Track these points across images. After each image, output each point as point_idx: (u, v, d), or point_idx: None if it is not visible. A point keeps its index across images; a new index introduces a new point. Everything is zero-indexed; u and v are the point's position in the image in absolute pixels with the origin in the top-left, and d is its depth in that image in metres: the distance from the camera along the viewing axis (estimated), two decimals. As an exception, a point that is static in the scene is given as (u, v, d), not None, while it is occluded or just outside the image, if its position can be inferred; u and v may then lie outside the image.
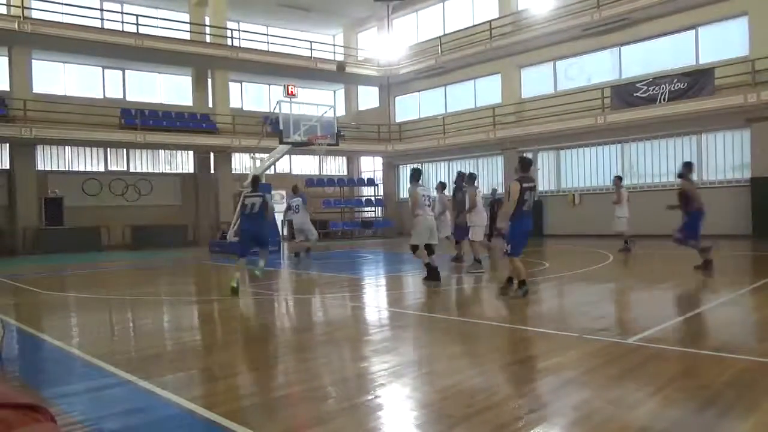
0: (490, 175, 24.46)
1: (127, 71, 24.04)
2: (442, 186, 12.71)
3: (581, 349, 4.74)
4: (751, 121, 16.69)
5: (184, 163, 24.97)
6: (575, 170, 21.61)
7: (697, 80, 17.33)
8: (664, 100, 17.89)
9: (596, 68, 20.89)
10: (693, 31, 18.43)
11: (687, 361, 4.39)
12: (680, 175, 10.02)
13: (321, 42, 28.09)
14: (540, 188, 22.09)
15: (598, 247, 15.34)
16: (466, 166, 25.28)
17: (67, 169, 22.13)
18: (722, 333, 5.60)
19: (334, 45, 29.47)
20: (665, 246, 14.95)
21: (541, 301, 7.87)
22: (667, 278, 9.22)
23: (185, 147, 23.36)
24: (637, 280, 8.99)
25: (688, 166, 10.08)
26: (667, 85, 17.89)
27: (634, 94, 18.67)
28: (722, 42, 17.79)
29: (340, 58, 28.32)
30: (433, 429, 3.20)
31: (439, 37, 25.23)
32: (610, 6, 19.31)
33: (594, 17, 19.72)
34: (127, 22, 22.04)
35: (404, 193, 28.03)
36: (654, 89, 18.17)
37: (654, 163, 19.23)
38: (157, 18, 23.14)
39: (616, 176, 14.69)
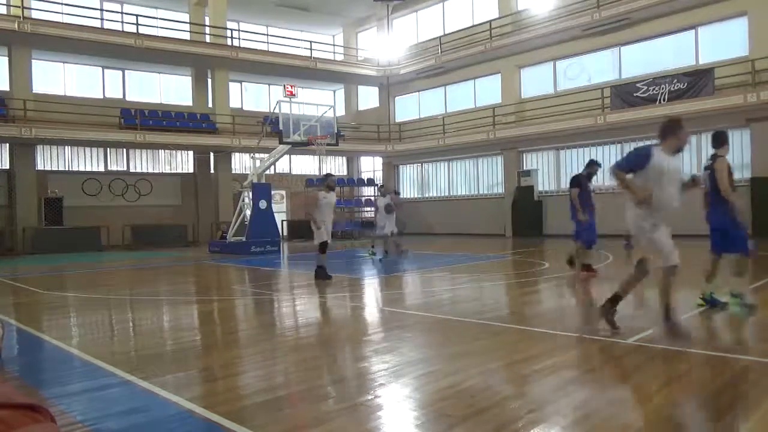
0: (490, 175, 24.47)
1: (126, 71, 24.05)
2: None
3: (582, 349, 4.75)
4: (750, 121, 16.69)
5: (184, 163, 24.98)
6: (575, 170, 21.56)
7: (697, 80, 17.33)
8: (664, 100, 17.89)
9: (596, 68, 20.89)
10: (693, 31, 18.44)
11: (687, 361, 4.39)
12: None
13: (321, 42, 28.10)
14: (540, 188, 22.14)
15: (598, 247, 15.32)
16: (466, 167, 25.33)
17: (66, 169, 22.13)
18: (723, 333, 5.60)
19: (333, 45, 29.49)
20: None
21: (541, 301, 7.88)
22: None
23: (185, 147, 23.36)
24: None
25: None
26: (667, 85, 17.89)
27: (634, 94, 18.67)
28: (722, 42, 17.79)
29: (340, 58, 28.35)
30: (433, 429, 3.20)
31: (439, 37, 25.23)
32: (610, 6, 19.31)
33: (594, 17, 19.72)
34: (127, 22, 22.06)
35: (405, 193, 28.07)
36: (654, 89, 18.17)
37: (654, 163, 19.20)
38: (157, 18, 23.15)
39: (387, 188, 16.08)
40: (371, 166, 29.86)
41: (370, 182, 28.18)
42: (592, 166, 9.65)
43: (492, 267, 12.19)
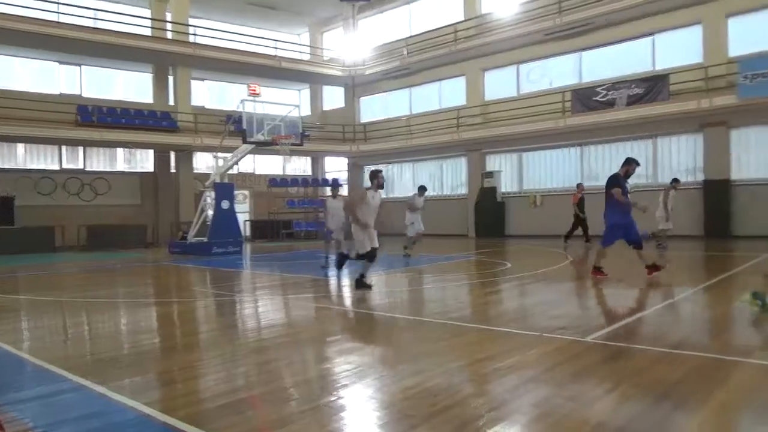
0: (454, 176, 24.69)
1: (83, 66, 23.37)
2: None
3: (541, 348, 4.83)
4: (704, 126, 17.32)
5: (144, 161, 24.42)
6: (537, 172, 22.01)
7: (653, 86, 17.89)
8: (622, 104, 18.40)
9: (558, 72, 21.32)
10: (650, 38, 19.01)
11: (643, 358, 4.52)
12: None
13: (286, 41, 27.86)
14: (502, 189, 22.48)
15: (559, 247, 15.65)
16: (431, 168, 25.50)
17: (19, 167, 21.36)
18: (676, 330, 5.78)
19: (299, 44, 29.28)
20: (623, 247, 15.36)
21: (502, 301, 7.98)
22: (624, 278, 9.46)
23: (145, 145, 22.83)
24: (596, 280, 9.20)
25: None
26: (625, 89, 18.41)
27: (594, 98, 19.15)
28: (677, 49, 18.41)
29: (305, 57, 28.17)
30: (396, 429, 3.20)
31: (405, 39, 25.34)
32: (572, 11, 19.75)
33: (556, 22, 20.14)
34: (85, 16, 21.40)
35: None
36: (612, 94, 18.68)
37: (612, 165, 19.71)
38: (116, 13, 22.50)
39: (421, 186, 15.12)
40: (336, 167, 29.76)
41: (335, 183, 28.02)
42: (631, 163, 8.90)
43: (455, 267, 12.29)
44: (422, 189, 15.03)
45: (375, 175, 9.18)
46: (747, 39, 16.90)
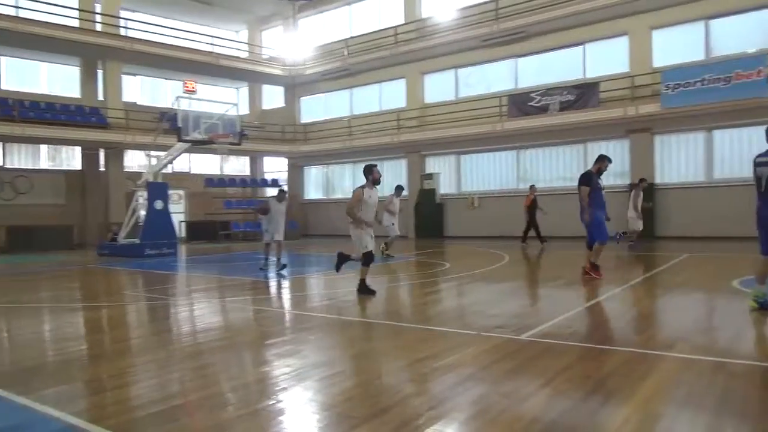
0: (394, 178, 24.83)
1: (3, 57, 21.99)
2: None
3: (479, 346, 4.93)
4: (630, 132, 18.23)
5: (70, 159, 23.23)
6: (475, 174, 22.50)
7: (583, 93, 18.69)
8: (555, 110, 19.13)
9: (495, 77, 21.86)
10: (581, 47, 19.82)
11: (574, 354, 4.70)
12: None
13: (224, 38, 27.22)
14: (441, 191, 22.82)
15: (496, 248, 16.06)
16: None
17: (-71, 163, 19.85)
18: (605, 327, 6.05)
19: (238, 42, 28.67)
20: (557, 246, 15.93)
21: (441, 301, 8.10)
22: (558, 277, 9.81)
23: (71, 142, 21.70)
24: (531, 279, 9.51)
25: None
26: (558, 96, 19.16)
27: (529, 104, 19.80)
28: (606, 58, 19.29)
29: (244, 55, 27.62)
30: (336, 431, 3.18)
31: (346, 40, 25.31)
32: (508, 19, 20.33)
33: (493, 29, 20.68)
34: (5, 4, 20.12)
35: (310, 195, 27.86)
36: (546, 99, 19.38)
37: (545, 168, 20.46)
38: (39, 2, 21.28)
39: (398, 185, 14.40)
40: (276, 167, 29.34)
41: (274, 183, 27.64)
42: (603, 161, 8.76)
43: (395, 268, 12.37)
44: (399, 189, 13.88)
45: (370, 170, 8.20)
46: (670, 51, 17.95)
